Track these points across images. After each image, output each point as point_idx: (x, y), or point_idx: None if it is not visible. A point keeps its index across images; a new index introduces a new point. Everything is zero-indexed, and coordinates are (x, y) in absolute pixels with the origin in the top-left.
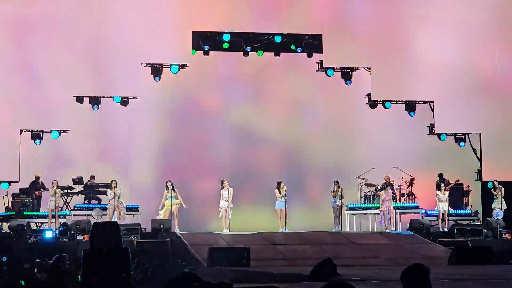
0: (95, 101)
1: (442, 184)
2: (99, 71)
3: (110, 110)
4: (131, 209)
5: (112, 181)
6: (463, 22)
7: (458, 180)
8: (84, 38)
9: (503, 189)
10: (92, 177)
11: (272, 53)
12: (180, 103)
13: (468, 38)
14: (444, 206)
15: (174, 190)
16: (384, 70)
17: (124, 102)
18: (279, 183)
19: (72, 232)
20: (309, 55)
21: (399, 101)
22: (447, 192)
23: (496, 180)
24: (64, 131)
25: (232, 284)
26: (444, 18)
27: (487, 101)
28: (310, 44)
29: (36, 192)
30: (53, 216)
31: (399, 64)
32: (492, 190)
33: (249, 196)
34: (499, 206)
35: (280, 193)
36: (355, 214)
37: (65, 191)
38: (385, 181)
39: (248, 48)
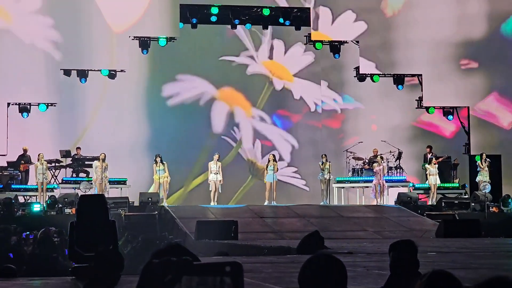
0: (82, 74)
1: (433, 158)
2: (86, 44)
3: (97, 83)
4: (119, 182)
5: (101, 154)
6: None
7: (448, 157)
8: (71, 10)
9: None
10: (78, 148)
11: (260, 26)
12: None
13: (457, 10)
14: (434, 180)
15: (162, 164)
16: (374, 44)
17: (112, 75)
18: (269, 156)
19: (60, 206)
20: (297, 28)
21: (388, 74)
22: (436, 166)
23: (484, 153)
24: (52, 104)
25: (192, 260)
26: None
27: (475, 74)
28: (299, 17)
29: (22, 166)
30: (42, 190)
31: (388, 37)
32: (479, 162)
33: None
34: (484, 179)
35: (267, 166)
36: (343, 188)
37: (53, 164)
38: (373, 154)
39: (236, 21)
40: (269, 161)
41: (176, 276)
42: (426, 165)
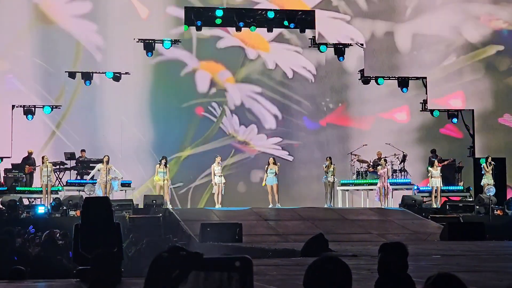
0: (87, 76)
1: (435, 161)
2: (92, 47)
3: (102, 85)
4: (123, 184)
5: (104, 156)
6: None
7: (453, 160)
8: (76, 13)
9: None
10: (83, 150)
11: (265, 29)
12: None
13: (463, 14)
14: (436, 182)
15: (166, 167)
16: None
17: (117, 77)
18: (269, 159)
19: (64, 208)
20: (302, 31)
21: (392, 77)
22: (439, 168)
23: (489, 156)
24: (56, 107)
25: (202, 254)
26: None
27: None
28: (303, 20)
29: (27, 168)
30: (47, 192)
31: (393, 40)
32: (484, 165)
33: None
34: (489, 182)
35: (267, 169)
36: (347, 190)
37: (57, 166)
38: (377, 157)
39: (241, 24)
40: (268, 164)
41: (184, 270)
42: (429, 168)
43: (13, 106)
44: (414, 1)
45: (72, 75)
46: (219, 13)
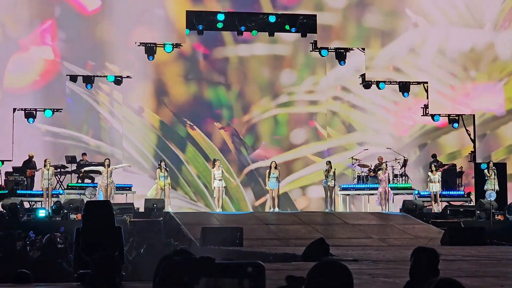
0: (88, 80)
1: (433, 165)
2: (93, 50)
3: (103, 89)
4: (124, 188)
5: (105, 159)
6: (458, 4)
7: (454, 165)
8: (77, 16)
9: (495, 171)
10: (84, 154)
11: (266, 33)
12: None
13: (463, 19)
14: (435, 187)
15: (166, 170)
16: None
17: (118, 81)
18: (271, 164)
19: (65, 211)
20: (303, 35)
21: (393, 81)
22: (438, 173)
23: (491, 161)
24: (58, 110)
25: (215, 258)
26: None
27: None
28: (305, 24)
29: (28, 171)
30: (47, 195)
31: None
32: (485, 171)
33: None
34: (492, 187)
35: (269, 173)
36: (348, 195)
37: (59, 170)
38: (378, 162)
39: (242, 28)
40: (270, 168)
41: (195, 275)
42: (428, 173)
43: (14, 109)
44: (417, 5)
45: (73, 78)
46: (221, 17)
